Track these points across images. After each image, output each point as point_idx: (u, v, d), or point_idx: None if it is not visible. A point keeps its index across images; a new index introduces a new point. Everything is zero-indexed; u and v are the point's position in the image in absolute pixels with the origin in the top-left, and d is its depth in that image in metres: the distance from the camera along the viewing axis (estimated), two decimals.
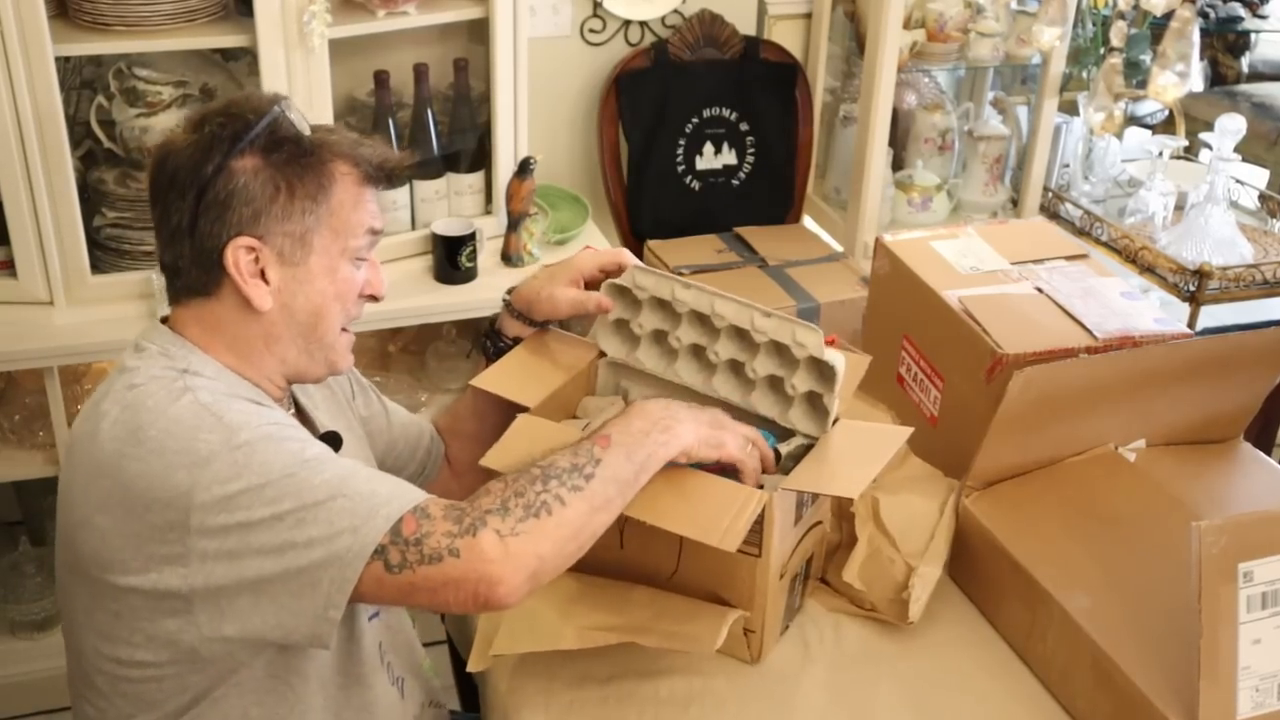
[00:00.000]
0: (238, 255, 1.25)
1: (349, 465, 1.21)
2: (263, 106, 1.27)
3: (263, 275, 1.27)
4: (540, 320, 1.54)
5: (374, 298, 1.36)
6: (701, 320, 1.47)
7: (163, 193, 1.27)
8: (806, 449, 1.40)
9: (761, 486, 1.34)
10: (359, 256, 1.32)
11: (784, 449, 1.40)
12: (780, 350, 1.43)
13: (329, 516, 1.14)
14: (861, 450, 1.36)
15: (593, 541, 1.21)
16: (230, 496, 1.14)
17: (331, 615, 1.15)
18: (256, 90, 1.30)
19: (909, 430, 1.39)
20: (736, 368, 1.46)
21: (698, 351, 1.48)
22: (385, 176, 1.33)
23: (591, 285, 1.53)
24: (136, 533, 1.17)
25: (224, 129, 1.25)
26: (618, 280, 1.51)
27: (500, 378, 1.49)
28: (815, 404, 1.41)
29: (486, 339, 1.58)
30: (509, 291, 1.57)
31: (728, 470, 1.32)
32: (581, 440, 1.25)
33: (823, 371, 1.39)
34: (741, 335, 1.45)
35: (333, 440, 1.38)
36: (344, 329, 1.34)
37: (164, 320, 1.33)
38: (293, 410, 1.39)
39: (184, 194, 1.25)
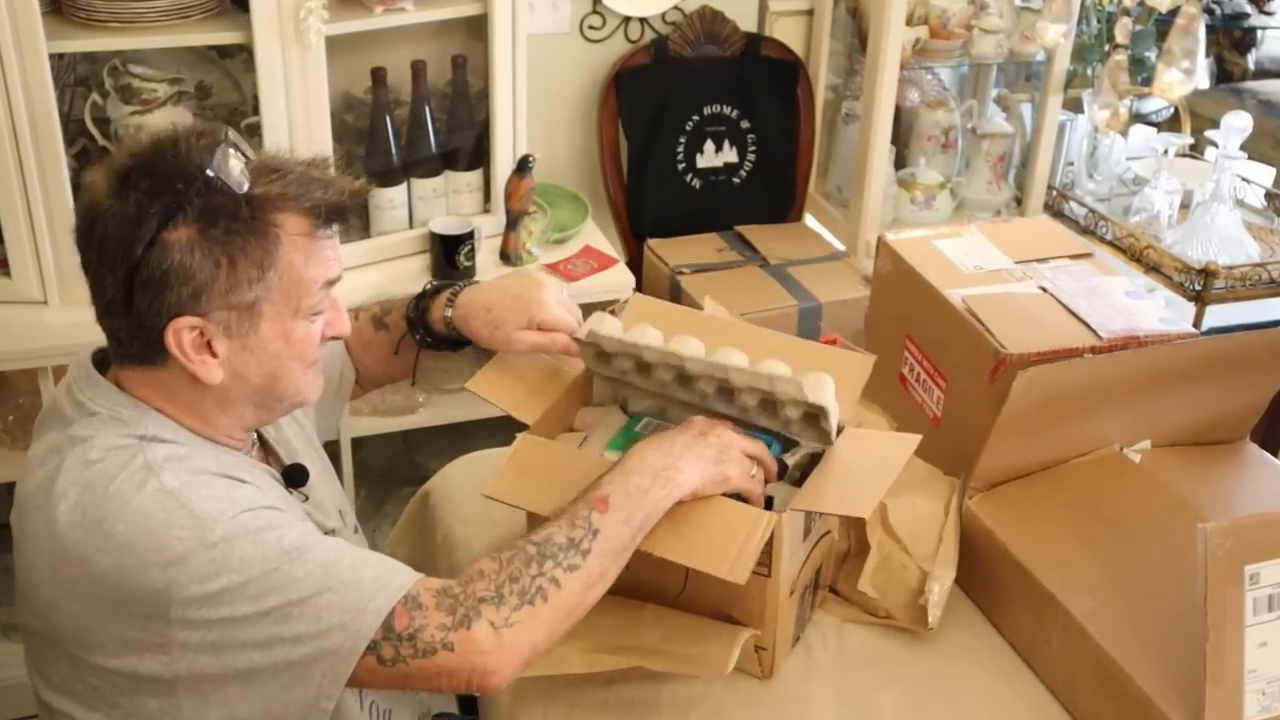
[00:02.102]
0: (180, 336, 1.17)
1: (332, 550, 1.16)
2: (192, 166, 1.15)
3: (210, 348, 1.19)
4: (479, 345, 1.48)
5: (338, 337, 1.31)
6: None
7: (92, 261, 1.18)
8: (812, 457, 1.38)
9: (770, 499, 1.33)
10: (316, 311, 1.24)
11: (789, 459, 1.38)
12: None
13: (316, 612, 1.12)
14: (870, 462, 1.33)
15: (588, 611, 1.21)
16: (211, 595, 1.11)
17: (324, 705, 1.13)
18: (191, 130, 1.20)
19: (917, 438, 1.35)
20: (728, 392, 1.42)
21: (685, 379, 1.44)
22: (341, 212, 1.23)
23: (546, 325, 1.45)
24: (113, 619, 1.14)
25: (151, 199, 1.14)
26: (581, 337, 1.44)
27: (496, 385, 1.46)
28: (814, 421, 1.38)
29: (416, 324, 1.50)
30: (450, 296, 1.48)
31: None
32: (579, 503, 1.22)
33: (810, 409, 1.36)
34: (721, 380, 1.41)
35: (299, 474, 1.35)
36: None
37: (101, 362, 1.25)
38: (256, 447, 1.35)
39: (114, 269, 1.15)
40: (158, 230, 1.13)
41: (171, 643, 1.13)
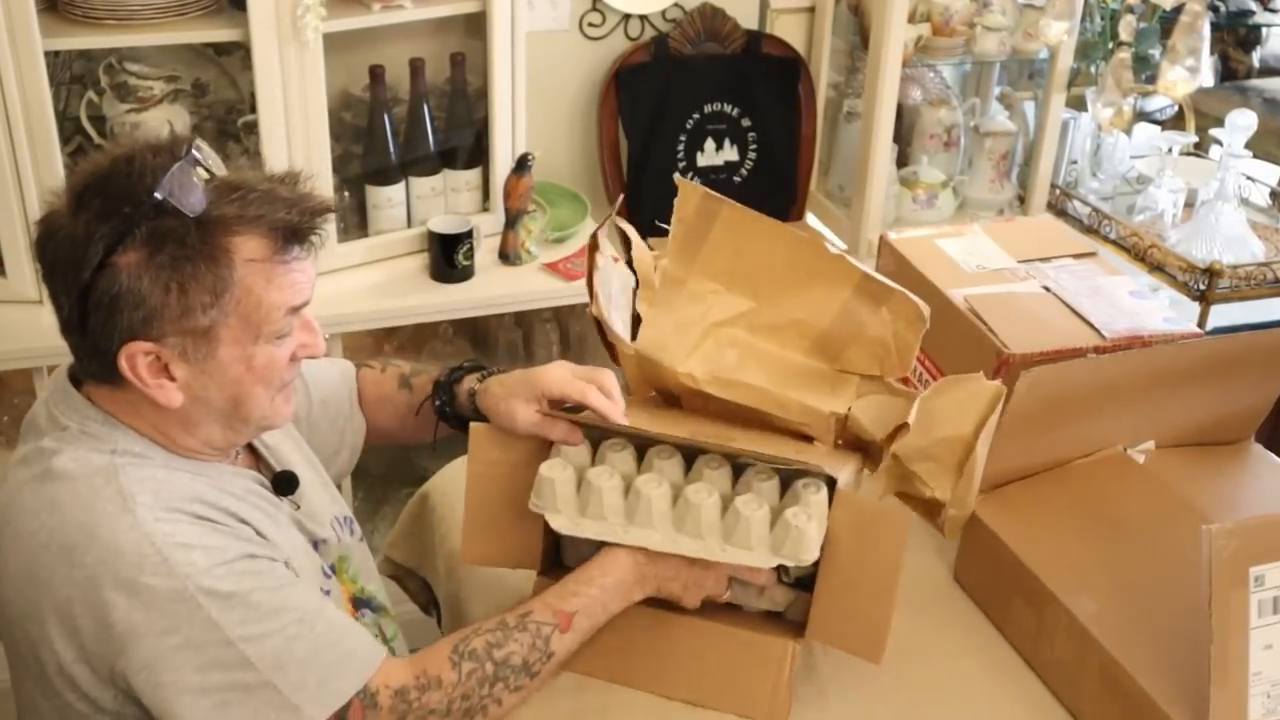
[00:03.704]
0: (134, 360, 1.15)
1: (294, 626, 1.17)
2: (142, 188, 1.12)
3: (167, 371, 1.17)
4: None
5: (311, 358, 1.28)
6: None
7: (47, 277, 1.17)
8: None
9: (783, 611, 1.35)
10: (280, 335, 1.20)
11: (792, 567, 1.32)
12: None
13: (255, 705, 1.15)
14: (871, 563, 1.28)
15: None
16: (164, 650, 1.12)
17: None
18: (150, 146, 1.15)
19: (908, 524, 1.28)
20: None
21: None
22: (301, 235, 1.19)
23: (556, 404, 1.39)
24: (67, 647, 1.15)
25: (100, 221, 1.12)
26: (595, 405, 1.35)
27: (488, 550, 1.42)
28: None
29: (444, 389, 1.48)
30: (481, 376, 1.45)
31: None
32: (545, 612, 1.27)
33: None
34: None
35: (288, 481, 1.34)
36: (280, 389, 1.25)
37: (73, 375, 1.25)
38: (241, 454, 1.33)
39: (67, 290, 1.14)
40: (105, 254, 1.12)
41: (116, 677, 1.15)
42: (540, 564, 1.41)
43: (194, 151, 1.16)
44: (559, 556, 1.45)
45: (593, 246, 1.40)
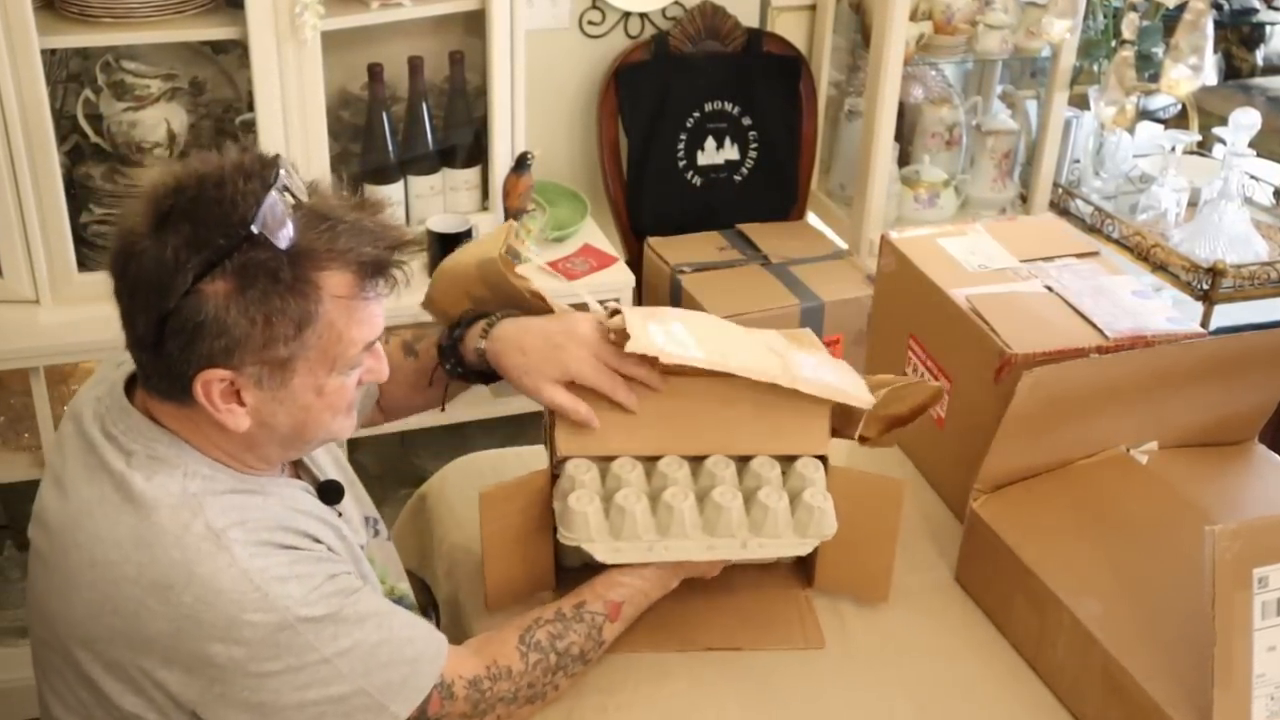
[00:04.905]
0: (209, 387, 1.14)
1: (375, 631, 1.20)
2: (235, 217, 1.09)
3: (238, 396, 1.16)
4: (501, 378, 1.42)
5: (375, 381, 1.28)
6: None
7: (123, 295, 1.15)
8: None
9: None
10: (353, 367, 1.20)
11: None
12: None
13: (349, 711, 1.19)
14: (870, 523, 1.44)
15: None
16: (266, 674, 1.14)
17: None
18: (240, 168, 1.12)
19: (902, 484, 1.43)
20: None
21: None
22: (388, 272, 1.18)
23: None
24: (147, 670, 1.15)
25: (191, 250, 1.09)
26: (621, 400, 1.37)
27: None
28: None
29: (449, 352, 1.45)
30: (486, 326, 1.41)
31: None
32: (598, 602, 1.34)
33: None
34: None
35: (334, 490, 1.34)
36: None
37: (129, 380, 1.23)
38: (288, 465, 1.33)
39: (146, 311, 1.12)
40: (194, 281, 1.09)
41: (208, 702, 1.15)
42: (554, 582, 1.47)
43: (282, 176, 1.13)
44: (557, 560, 1.47)
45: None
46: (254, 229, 1.09)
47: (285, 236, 1.11)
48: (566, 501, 1.33)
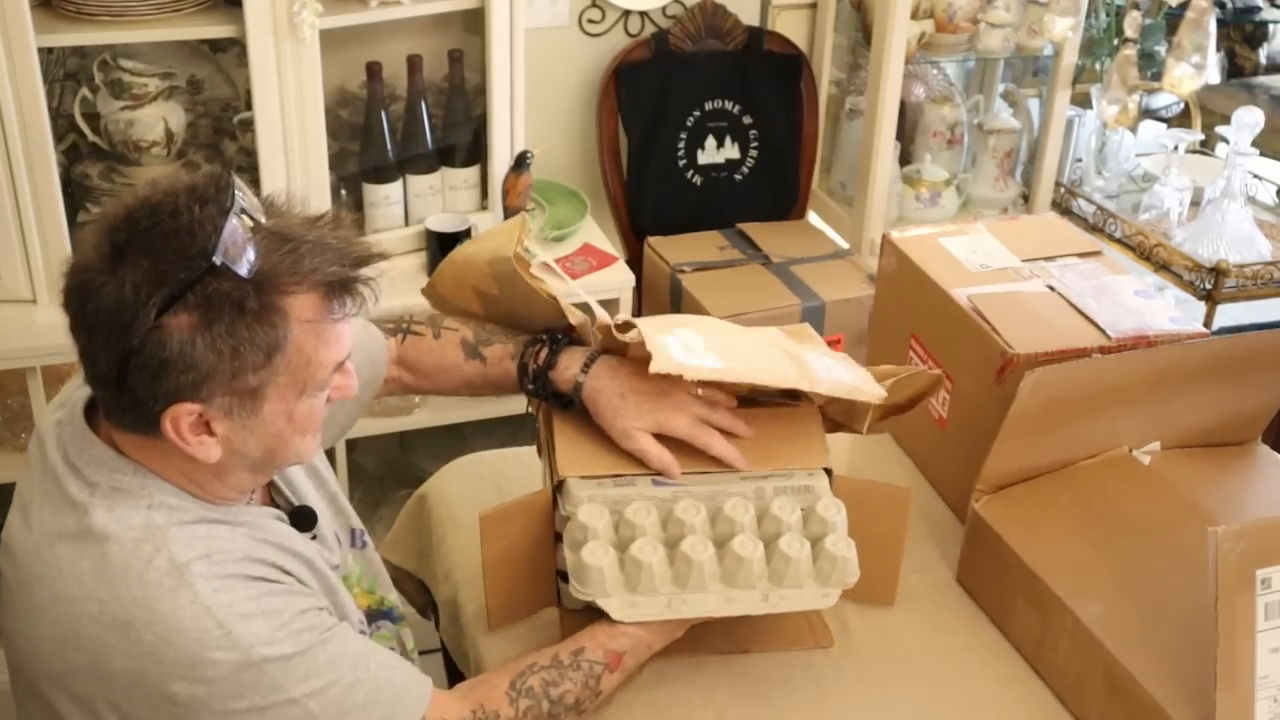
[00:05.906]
0: (178, 422, 1.10)
1: (350, 674, 1.18)
2: (195, 248, 1.05)
3: (208, 427, 1.12)
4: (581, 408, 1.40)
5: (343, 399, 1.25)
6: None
7: (80, 331, 1.10)
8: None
9: None
10: (322, 388, 1.18)
11: None
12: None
13: None
14: (876, 530, 1.41)
15: None
16: (228, 714, 1.12)
17: None
18: (193, 193, 1.08)
19: (908, 492, 1.43)
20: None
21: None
22: (355, 290, 1.14)
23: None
24: (115, 704, 1.13)
25: (151, 286, 1.05)
26: (719, 454, 1.38)
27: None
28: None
29: (540, 376, 1.42)
30: (587, 361, 1.40)
31: None
32: (597, 650, 1.30)
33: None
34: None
35: (307, 518, 1.32)
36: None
37: (91, 405, 1.20)
38: (258, 490, 1.31)
39: (107, 348, 1.08)
40: (157, 317, 1.06)
41: None
42: (556, 599, 1.45)
43: (237, 197, 1.10)
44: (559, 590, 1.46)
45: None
46: (215, 260, 1.05)
47: (247, 263, 1.07)
48: (580, 555, 1.29)
